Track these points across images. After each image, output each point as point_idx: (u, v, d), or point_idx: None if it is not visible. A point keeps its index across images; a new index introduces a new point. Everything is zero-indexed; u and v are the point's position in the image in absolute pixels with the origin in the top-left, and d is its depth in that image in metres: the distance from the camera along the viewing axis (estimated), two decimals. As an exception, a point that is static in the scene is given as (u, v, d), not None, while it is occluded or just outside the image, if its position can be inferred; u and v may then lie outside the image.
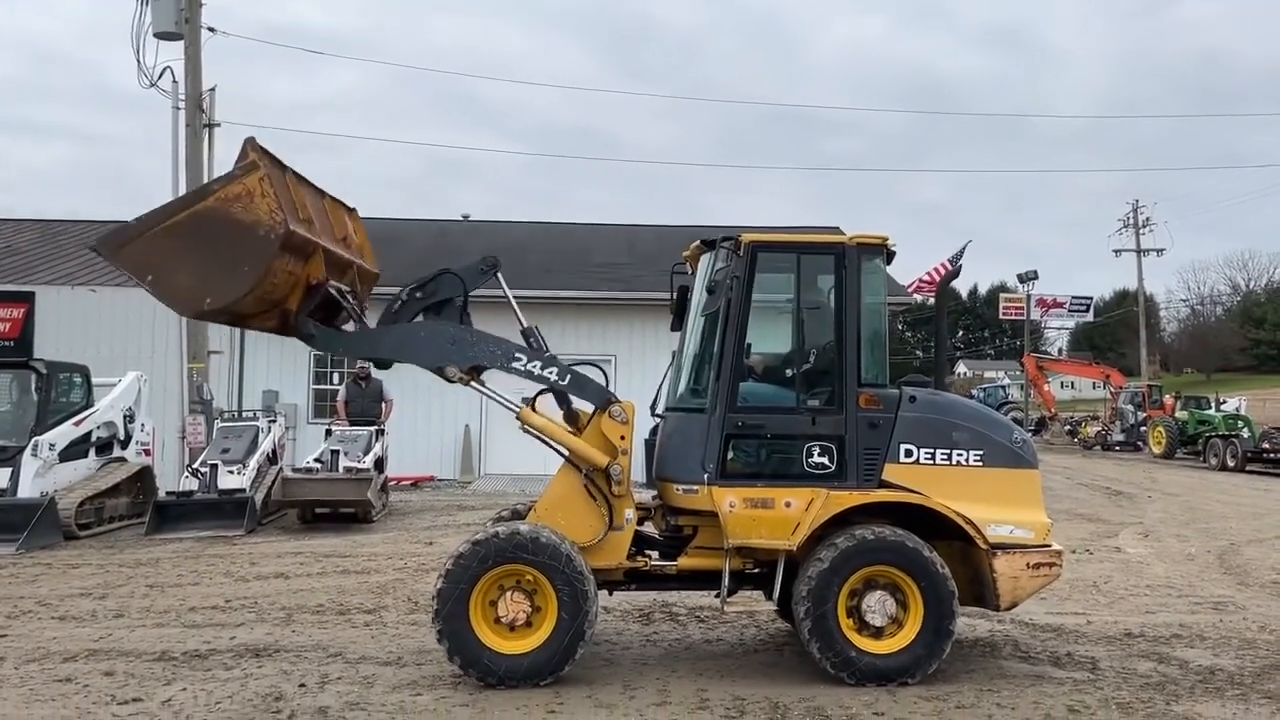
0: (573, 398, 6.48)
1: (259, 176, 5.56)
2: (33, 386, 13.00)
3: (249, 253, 5.54)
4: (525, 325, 6.61)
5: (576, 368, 6.43)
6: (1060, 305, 52.68)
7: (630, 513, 6.29)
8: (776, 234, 6.90)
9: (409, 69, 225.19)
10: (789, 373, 6.51)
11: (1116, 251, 49.59)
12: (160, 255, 5.59)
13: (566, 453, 6.34)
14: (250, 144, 5.70)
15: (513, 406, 6.40)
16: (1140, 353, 49.33)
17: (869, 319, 6.41)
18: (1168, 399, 35.29)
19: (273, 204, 5.54)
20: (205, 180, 15.58)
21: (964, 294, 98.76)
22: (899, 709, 5.60)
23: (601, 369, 6.61)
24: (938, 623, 6.01)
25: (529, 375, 6.29)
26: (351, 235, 6.93)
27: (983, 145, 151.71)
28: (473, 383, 6.35)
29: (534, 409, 6.42)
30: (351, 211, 7.09)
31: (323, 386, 19.33)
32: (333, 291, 6.26)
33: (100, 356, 17.18)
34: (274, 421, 15.01)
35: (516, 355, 6.27)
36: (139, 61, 15.64)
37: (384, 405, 15.01)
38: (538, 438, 6.43)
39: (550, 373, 6.28)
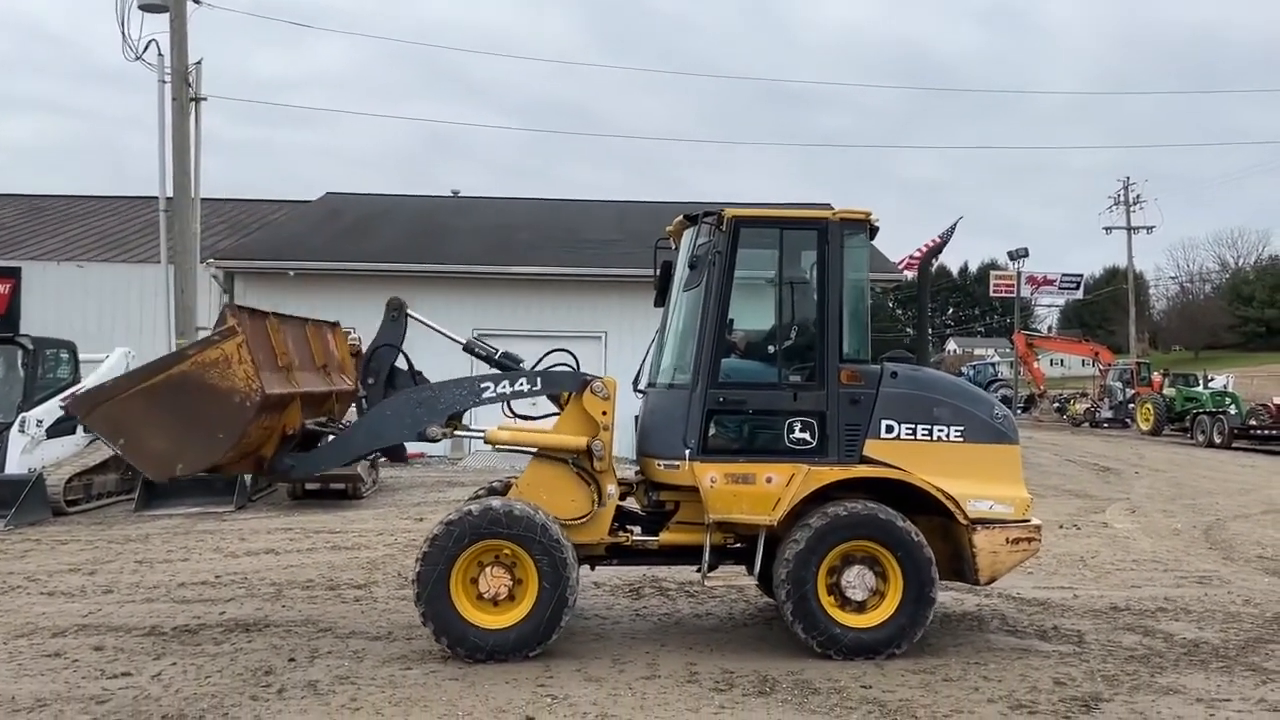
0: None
1: (237, 343, 5.54)
2: (19, 362, 12.95)
3: (224, 420, 5.52)
4: (465, 340, 6.69)
5: (546, 360, 6.53)
6: (1050, 283, 52.74)
7: (612, 488, 6.31)
8: (760, 209, 6.87)
9: (398, 43, 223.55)
10: (771, 348, 6.50)
11: (1107, 229, 49.69)
12: (133, 418, 5.53)
13: (543, 446, 6.35)
14: (230, 309, 5.73)
15: (477, 434, 6.46)
16: (1129, 330, 49.48)
17: (851, 294, 6.40)
18: (1156, 376, 35.43)
19: (250, 370, 5.52)
20: (191, 153, 15.47)
21: (954, 271, 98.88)
22: (886, 682, 5.64)
23: (570, 352, 6.67)
24: (918, 591, 6.05)
25: (503, 398, 6.35)
26: (333, 354, 7.00)
27: (975, 122, 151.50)
28: (457, 431, 6.36)
29: (510, 407, 6.49)
30: (334, 327, 7.18)
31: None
32: (310, 426, 6.30)
33: (87, 332, 17.12)
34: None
35: (482, 386, 6.32)
36: (124, 34, 15.43)
37: None
38: (514, 451, 6.44)
39: (521, 385, 6.33)
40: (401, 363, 6.50)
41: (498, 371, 6.49)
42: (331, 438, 6.35)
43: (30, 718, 4.93)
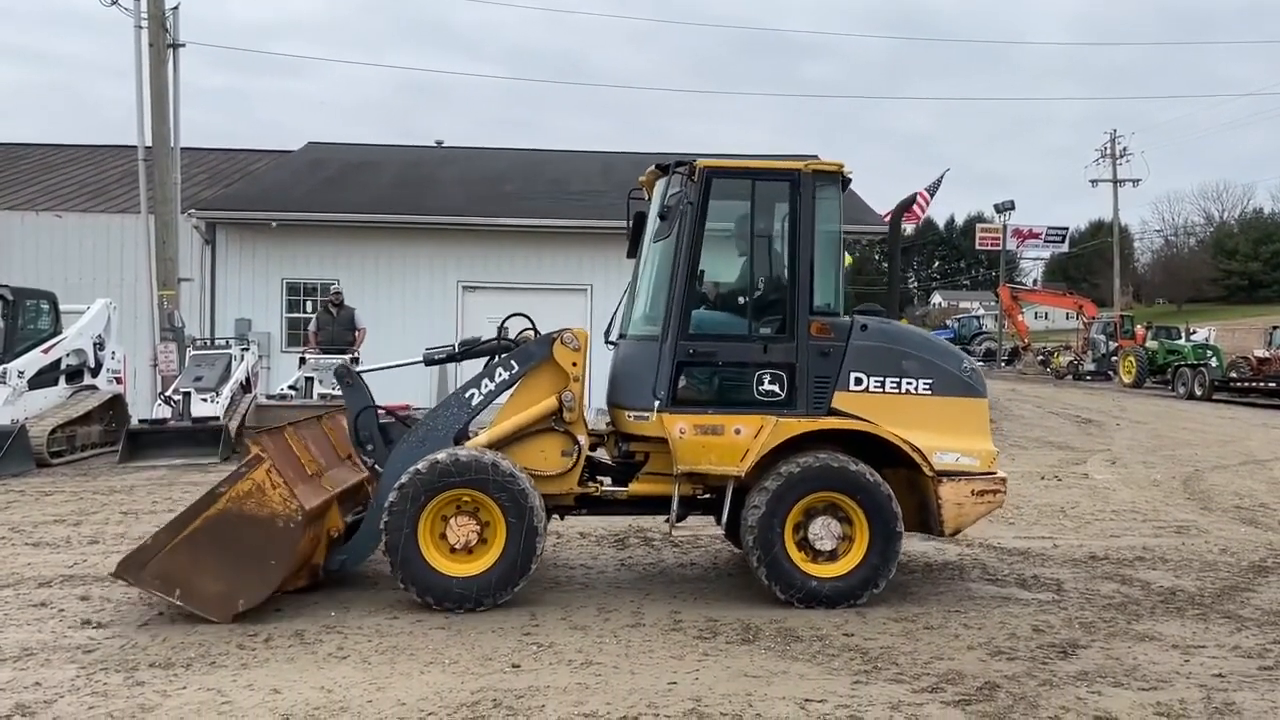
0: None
1: (265, 468, 5.59)
2: (-1, 313, 12.81)
3: (273, 546, 5.60)
4: (425, 353, 6.85)
5: (512, 333, 6.65)
6: (1036, 236, 52.87)
7: (583, 439, 6.33)
8: (733, 159, 6.80)
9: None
10: (741, 300, 6.48)
11: (1093, 182, 49.63)
12: (183, 568, 5.57)
13: (521, 427, 6.31)
14: (251, 440, 5.82)
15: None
16: (1114, 283, 49.63)
17: (822, 246, 6.36)
18: (1139, 329, 35.65)
19: (285, 492, 5.59)
20: (170, 101, 15.22)
21: (940, 224, 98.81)
22: (868, 629, 5.71)
23: (527, 317, 6.74)
24: (885, 529, 6.09)
25: (490, 398, 6.39)
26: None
27: (963, 74, 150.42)
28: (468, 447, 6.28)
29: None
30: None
31: (296, 315, 19.15)
32: (350, 520, 6.39)
33: (68, 283, 16.96)
34: (247, 350, 14.91)
35: (468, 395, 6.36)
36: (98, -23, 15.05)
37: (356, 334, 14.90)
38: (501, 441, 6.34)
39: (499, 375, 6.37)
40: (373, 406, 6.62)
41: (476, 374, 6.48)
42: (367, 515, 6.28)
43: (17, 667, 4.94)
